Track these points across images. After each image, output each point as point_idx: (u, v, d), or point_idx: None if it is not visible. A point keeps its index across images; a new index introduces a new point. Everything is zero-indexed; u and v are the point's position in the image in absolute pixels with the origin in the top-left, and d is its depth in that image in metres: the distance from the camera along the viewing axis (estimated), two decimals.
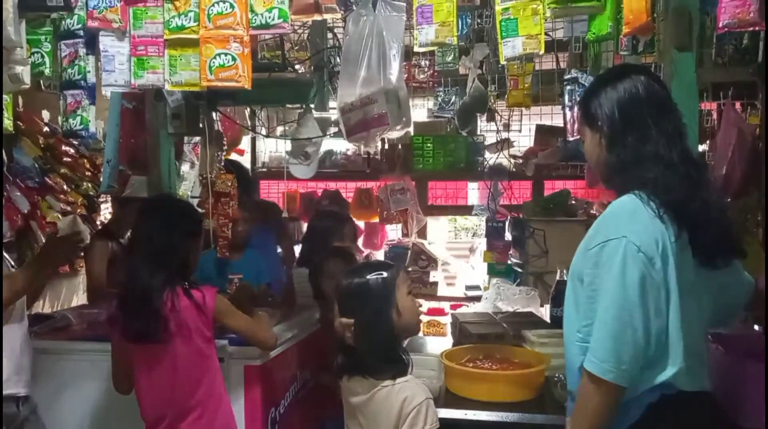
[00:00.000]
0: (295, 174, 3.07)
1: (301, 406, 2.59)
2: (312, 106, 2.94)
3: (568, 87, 2.82)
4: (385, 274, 1.87)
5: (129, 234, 2.20)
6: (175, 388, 2.04)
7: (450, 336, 3.16)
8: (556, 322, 2.69)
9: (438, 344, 2.99)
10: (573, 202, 3.97)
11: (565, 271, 2.76)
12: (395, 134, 2.43)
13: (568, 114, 2.88)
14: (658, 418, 1.50)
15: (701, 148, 2.90)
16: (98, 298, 3.01)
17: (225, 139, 3.34)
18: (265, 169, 4.43)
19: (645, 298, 1.45)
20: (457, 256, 4.82)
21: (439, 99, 2.78)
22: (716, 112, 3.14)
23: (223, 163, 3.22)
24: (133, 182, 3.11)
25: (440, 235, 5.07)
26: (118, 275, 2.66)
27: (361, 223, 4.40)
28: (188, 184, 3.28)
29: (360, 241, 3.56)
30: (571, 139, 3.05)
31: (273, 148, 4.43)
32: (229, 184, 3.09)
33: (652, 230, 1.46)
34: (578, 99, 2.93)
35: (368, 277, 1.86)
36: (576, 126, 2.89)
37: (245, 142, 4.34)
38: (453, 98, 2.78)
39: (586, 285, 1.55)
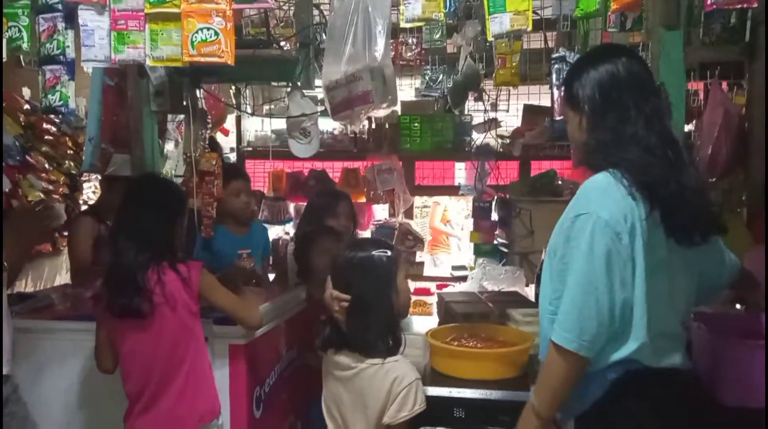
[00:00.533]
0: (296, 153, 3.03)
1: (287, 385, 2.59)
2: (298, 83, 2.89)
3: (556, 66, 2.80)
4: (389, 253, 1.87)
5: (115, 213, 2.17)
6: (160, 363, 2.04)
7: (436, 315, 3.17)
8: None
9: (424, 323, 2.98)
10: (559, 182, 3.97)
11: None
12: (381, 113, 2.40)
13: (556, 93, 2.86)
14: (622, 393, 1.52)
15: (687, 127, 2.90)
16: (82, 278, 2.98)
17: (209, 117, 3.29)
18: (250, 149, 4.38)
19: (610, 271, 1.46)
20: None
21: (427, 77, 2.75)
22: (703, 91, 3.15)
23: (207, 142, 3.17)
24: (116, 161, 3.06)
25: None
26: (103, 254, 2.64)
27: None
28: (172, 162, 3.24)
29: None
30: (558, 118, 3.04)
31: (258, 127, 4.38)
32: (213, 162, 3.05)
33: (621, 207, 1.48)
34: None
35: (373, 253, 1.86)
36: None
37: (230, 122, 4.29)
38: (441, 77, 2.74)
39: (558, 259, 1.58)
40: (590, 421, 1.58)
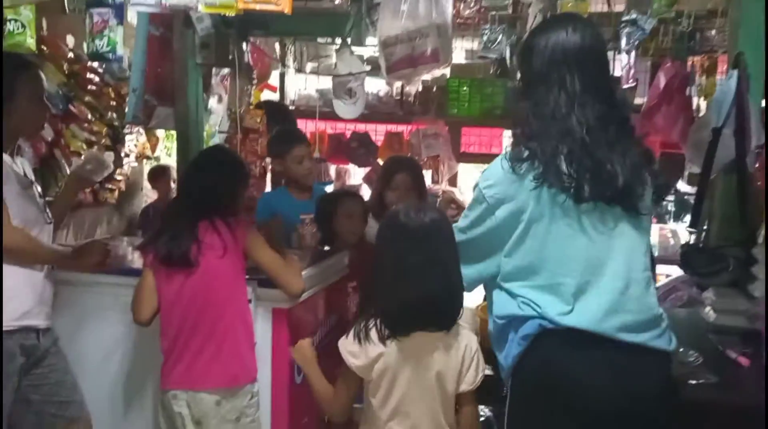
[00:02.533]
0: (341, 114, 2.92)
1: (326, 353, 2.51)
2: (348, 40, 2.75)
3: (627, 29, 2.61)
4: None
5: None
6: (199, 314, 2.01)
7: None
8: None
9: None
10: None
11: None
12: (438, 73, 2.26)
13: (624, 59, 2.67)
14: (538, 347, 1.50)
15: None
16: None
17: (255, 73, 3.19)
18: (293, 108, 4.26)
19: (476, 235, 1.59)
20: None
21: (485, 38, 2.59)
22: None
23: (251, 100, 3.07)
24: (159, 114, 2.99)
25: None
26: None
27: None
28: (216, 118, 3.15)
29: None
30: (625, 86, 2.86)
31: (302, 85, 4.26)
32: (258, 120, 2.97)
33: (502, 186, 1.53)
34: (636, 43, 2.73)
35: (441, 215, 1.70)
36: (632, 72, 2.72)
37: (273, 79, 4.17)
38: (500, 37, 2.57)
39: None
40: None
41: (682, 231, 3.83)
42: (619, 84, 3.22)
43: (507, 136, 4.34)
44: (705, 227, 2.68)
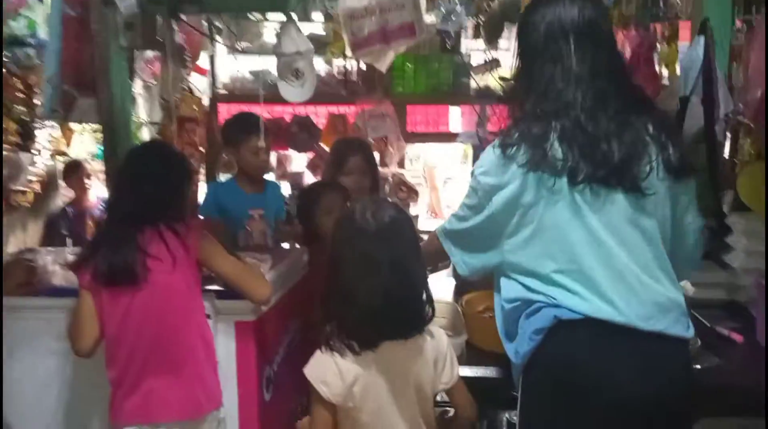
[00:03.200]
0: (287, 97, 2.66)
1: (294, 361, 2.30)
2: (293, 15, 2.49)
3: None
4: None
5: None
6: (152, 337, 1.77)
7: (450, 277, 2.91)
8: None
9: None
10: None
11: None
12: (401, 48, 2.05)
13: None
14: (554, 341, 1.42)
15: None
16: None
17: (189, 55, 2.87)
18: (225, 92, 3.93)
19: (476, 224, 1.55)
20: None
21: (443, 9, 2.40)
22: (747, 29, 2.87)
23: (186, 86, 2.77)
24: (81, 106, 2.63)
25: None
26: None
27: None
28: (146, 107, 2.83)
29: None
30: None
31: (233, 68, 3.93)
32: (195, 107, 2.68)
33: (494, 173, 1.48)
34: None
35: (400, 212, 1.57)
36: None
37: (202, 61, 3.83)
38: (457, 8, 2.39)
39: None
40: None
41: None
42: None
43: (454, 114, 4.20)
44: None
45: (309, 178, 4.15)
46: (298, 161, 4.28)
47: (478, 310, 2.08)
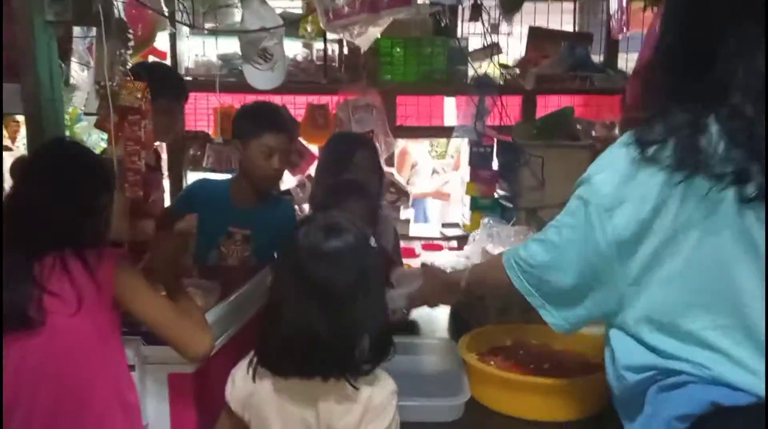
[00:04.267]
0: (255, 83, 2.24)
1: None
2: None
3: None
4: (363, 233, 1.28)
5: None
6: (53, 396, 1.34)
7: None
8: None
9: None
10: (576, 123, 3.28)
11: None
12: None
13: (613, 3, 2.10)
14: None
15: None
16: None
17: (131, 32, 2.40)
18: (189, 78, 3.46)
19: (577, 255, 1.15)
20: None
21: None
22: None
23: (129, 66, 2.30)
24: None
25: None
26: None
27: (314, 148, 3.58)
28: (82, 95, 2.37)
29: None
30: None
31: (199, 50, 3.46)
32: (140, 95, 2.21)
33: (623, 180, 1.08)
34: None
35: (360, 239, 1.26)
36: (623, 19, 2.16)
37: (162, 42, 3.36)
38: None
39: None
40: None
41: None
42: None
43: (449, 106, 3.75)
44: None
45: (286, 177, 3.70)
46: None
47: (480, 353, 1.64)
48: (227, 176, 2.58)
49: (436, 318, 2.21)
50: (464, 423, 1.44)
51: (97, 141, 3.48)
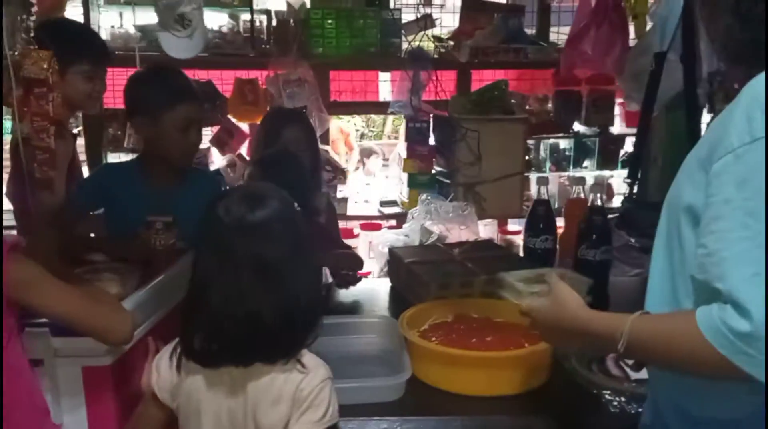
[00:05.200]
0: (172, 52, 2.06)
1: None
2: None
3: None
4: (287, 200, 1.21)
5: None
6: None
7: (383, 275, 2.42)
8: (535, 255, 2.00)
9: (366, 287, 2.23)
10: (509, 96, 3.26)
11: (544, 189, 2.06)
12: None
13: None
14: None
15: None
16: None
17: None
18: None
19: None
20: None
21: None
22: None
23: (32, 33, 2.09)
24: None
25: None
26: None
27: (243, 126, 3.43)
28: None
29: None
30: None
31: (115, 21, 3.23)
32: (45, 65, 2.02)
33: None
34: None
35: (285, 211, 1.19)
36: None
37: (73, 13, 3.12)
38: None
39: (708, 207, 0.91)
40: None
41: (587, 178, 3.43)
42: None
43: (383, 80, 3.66)
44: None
45: (216, 157, 3.53)
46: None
47: (421, 329, 1.58)
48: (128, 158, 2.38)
49: (377, 295, 2.14)
50: (405, 402, 1.38)
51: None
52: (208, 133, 3.57)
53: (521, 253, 2.17)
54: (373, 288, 2.24)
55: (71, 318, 1.24)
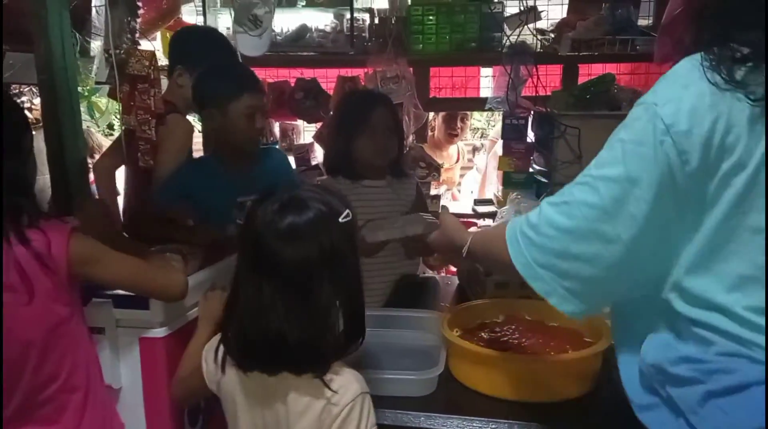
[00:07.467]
0: (242, 49, 2.17)
1: None
2: None
3: None
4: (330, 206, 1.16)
5: None
6: (14, 384, 1.28)
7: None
8: None
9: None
10: (616, 91, 3.06)
11: None
12: None
13: None
14: None
15: None
16: None
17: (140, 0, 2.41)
18: None
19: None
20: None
21: None
22: None
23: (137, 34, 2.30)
24: (13, 62, 2.23)
25: None
26: None
27: None
28: (98, 63, 2.39)
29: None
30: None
31: (227, 22, 3.45)
32: (147, 63, 2.21)
33: (700, 111, 0.86)
34: None
35: (326, 207, 1.15)
36: None
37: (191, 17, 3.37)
38: None
39: None
40: None
41: None
42: None
43: (484, 76, 3.59)
44: None
45: (318, 152, 3.66)
46: (306, 132, 3.79)
47: (468, 328, 1.54)
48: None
49: (445, 290, 2.13)
50: (436, 398, 1.35)
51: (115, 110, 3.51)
52: (311, 129, 3.73)
53: None
54: (446, 283, 2.23)
55: (131, 282, 1.36)
